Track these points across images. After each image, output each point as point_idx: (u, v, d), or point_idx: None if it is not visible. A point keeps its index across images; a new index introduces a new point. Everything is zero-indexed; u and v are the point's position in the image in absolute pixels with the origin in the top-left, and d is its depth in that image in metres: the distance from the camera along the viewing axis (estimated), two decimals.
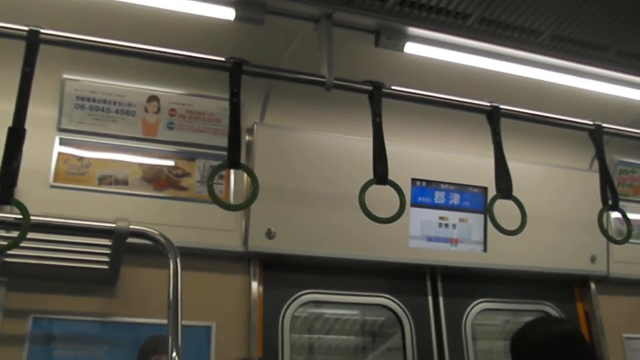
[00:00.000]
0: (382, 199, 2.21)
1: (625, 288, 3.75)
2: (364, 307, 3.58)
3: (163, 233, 2.30)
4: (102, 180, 2.75)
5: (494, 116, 2.52)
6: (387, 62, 2.77)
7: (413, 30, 2.50)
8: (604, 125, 2.77)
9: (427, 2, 2.31)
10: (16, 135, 1.88)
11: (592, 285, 3.68)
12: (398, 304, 3.22)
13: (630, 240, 2.71)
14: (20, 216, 1.83)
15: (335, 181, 3.01)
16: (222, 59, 2.21)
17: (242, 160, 2.30)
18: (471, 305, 3.40)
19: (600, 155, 2.71)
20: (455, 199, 3.32)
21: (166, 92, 2.92)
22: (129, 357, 2.63)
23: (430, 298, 3.33)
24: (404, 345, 3.18)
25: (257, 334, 2.88)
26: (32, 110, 1.93)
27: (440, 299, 3.34)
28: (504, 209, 2.40)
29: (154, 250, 2.29)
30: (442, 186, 3.30)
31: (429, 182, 3.26)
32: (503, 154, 2.46)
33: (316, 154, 3.06)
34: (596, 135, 2.74)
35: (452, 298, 3.36)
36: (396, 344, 3.33)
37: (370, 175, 2.26)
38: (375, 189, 2.25)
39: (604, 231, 2.60)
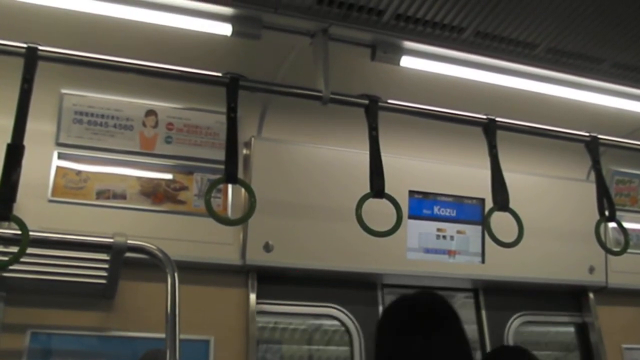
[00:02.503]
0: (380, 211, 2.22)
1: (624, 298, 3.75)
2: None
3: (161, 247, 2.31)
4: (100, 195, 2.76)
5: (490, 129, 2.53)
6: (383, 76, 2.79)
7: (409, 44, 2.51)
8: (600, 136, 2.78)
9: (423, 16, 2.33)
10: (15, 152, 1.89)
11: (591, 296, 3.69)
12: None
13: (629, 250, 2.71)
14: (19, 232, 1.83)
15: (333, 194, 3.02)
16: (219, 74, 2.23)
17: (240, 173, 2.31)
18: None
19: (596, 167, 2.72)
20: (453, 210, 3.33)
21: (164, 106, 2.93)
22: None
23: None
24: None
25: (255, 347, 2.88)
26: (30, 125, 1.94)
27: None
28: (501, 220, 2.40)
29: (152, 264, 2.29)
30: (440, 198, 3.31)
31: (426, 194, 3.27)
32: (499, 166, 2.47)
33: (314, 166, 3.07)
34: (592, 146, 2.75)
35: None
36: None
37: (367, 188, 2.27)
38: (372, 201, 2.26)
39: (602, 243, 2.60)
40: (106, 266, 2.43)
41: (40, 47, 2.02)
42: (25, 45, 2.01)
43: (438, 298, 2.01)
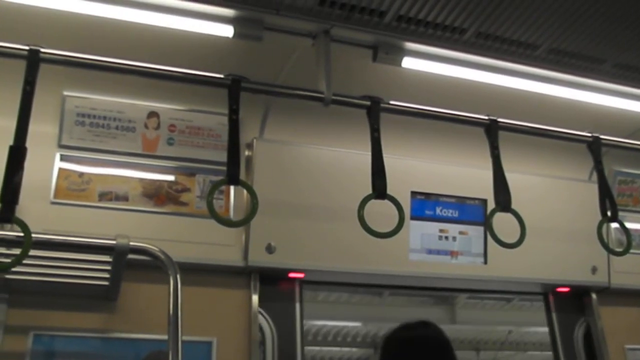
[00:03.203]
0: (382, 213, 2.22)
1: (627, 299, 3.74)
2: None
3: (163, 248, 2.30)
4: (103, 196, 2.76)
5: (492, 129, 2.54)
6: (384, 77, 2.79)
7: (410, 45, 2.52)
8: (602, 137, 2.78)
9: (424, 17, 2.33)
10: (17, 154, 1.89)
11: (594, 296, 3.68)
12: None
13: (631, 251, 2.71)
14: (21, 234, 1.84)
15: (335, 195, 3.02)
16: (221, 76, 2.23)
17: (242, 174, 2.32)
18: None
19: (598, 167, 2.71)
20: (455, 211, 3.32)
21: (166, 108, 2.93)
22: None
23: None
24: None
25: (258, 348, 2.88)
26: (32, 126, 1.95)
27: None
28: (504, 221, 2.40)
29: (154, 266, 2.29)
30: (442, 199, 3.30)
31: (428, 195, 3.27)
32: (501, 166, 2.47)
33: (316, 168, 3.07)
34: (594, 147, 2.75)
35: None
36: None
37: (369, 189, 2.27)
38: (375, 202, 2.26)
39: (604, 243, 2.60)
40: (108, 268, 2.43)
41: (42, 50, 2.02)
42: (27, 48, 2.01)
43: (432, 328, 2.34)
